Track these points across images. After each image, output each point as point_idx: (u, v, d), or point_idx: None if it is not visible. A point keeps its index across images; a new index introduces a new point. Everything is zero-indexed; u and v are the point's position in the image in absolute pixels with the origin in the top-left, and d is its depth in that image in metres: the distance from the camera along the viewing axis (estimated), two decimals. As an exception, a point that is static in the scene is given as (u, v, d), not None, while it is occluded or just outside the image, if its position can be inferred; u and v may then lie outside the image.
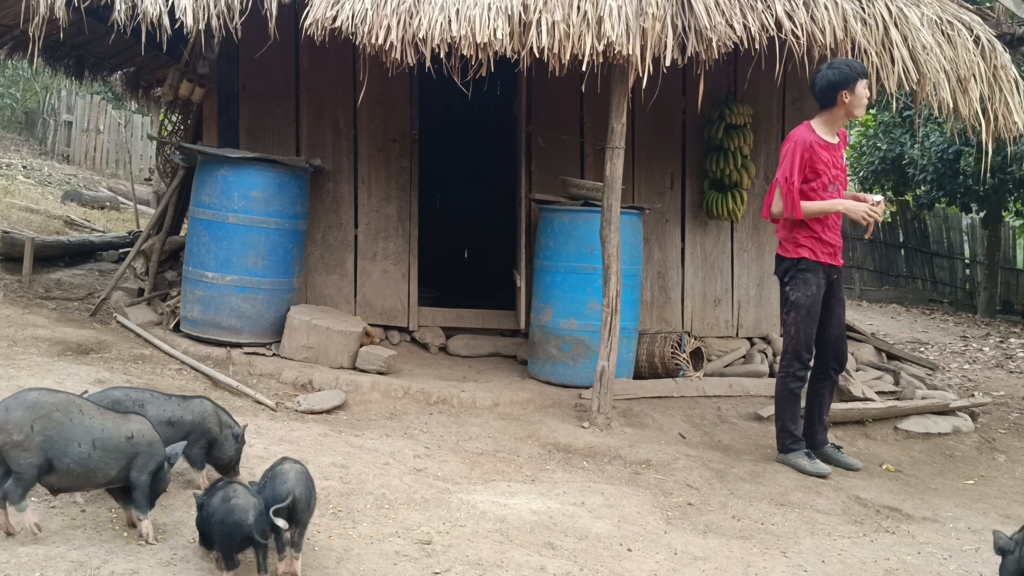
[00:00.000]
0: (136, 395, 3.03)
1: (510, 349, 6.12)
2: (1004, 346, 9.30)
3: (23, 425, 2.45)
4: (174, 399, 3.11)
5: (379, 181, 6.21)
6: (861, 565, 3.28)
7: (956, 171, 11.99)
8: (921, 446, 5.13)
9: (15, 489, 2.45)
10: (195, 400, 3.15)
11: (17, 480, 2.45)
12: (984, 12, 5.60)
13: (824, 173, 4.38)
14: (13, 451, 2.43)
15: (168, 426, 2.97)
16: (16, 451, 2.43)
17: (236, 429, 3.14)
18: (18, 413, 2.46)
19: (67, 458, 2.50)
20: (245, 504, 2.45)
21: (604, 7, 4.25)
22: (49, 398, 2.54)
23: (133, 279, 6.58)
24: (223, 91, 6.13)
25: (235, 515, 2.42)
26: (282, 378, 5.07)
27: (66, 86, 15.59)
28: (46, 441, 2.46)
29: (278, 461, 2.70)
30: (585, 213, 5.39)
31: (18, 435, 2.44)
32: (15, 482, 2.45)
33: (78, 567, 2.40)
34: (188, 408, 3.08)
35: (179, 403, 3.09)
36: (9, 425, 2.44)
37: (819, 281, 4.42)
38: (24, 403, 2.49)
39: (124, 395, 3.01)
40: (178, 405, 3.08)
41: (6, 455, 2.44)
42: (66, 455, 2.49)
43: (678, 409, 5.22)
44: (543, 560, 2.93)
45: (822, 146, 4.38)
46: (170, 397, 3.12)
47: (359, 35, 4.38)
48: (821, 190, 4.39)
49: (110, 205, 12.71)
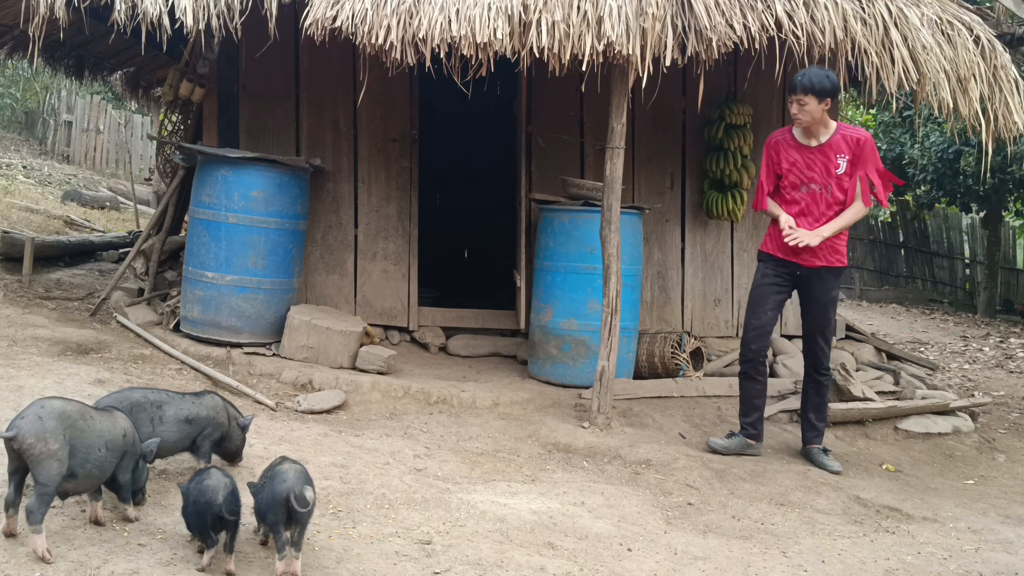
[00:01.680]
0: (154, 396, 3.13)
1: (510, 349, 6.12)
2: (1004, 346, 9.30)
3: (58, 434, 2.45)
4: (188, 397, 3.23)
5: (379, 181, 6.21)
6: (861, 565, 3.28)
7: (956, 171, 12.00)
8: (921, 446, 5.13)
9: (39, 506, 2.40)
10: (207, 396, 3.30)
11: (42, 495, 2.40)
12: (984, 12, 5.60)
13: (789, 173, 4.48)
14: (47, 461, 2.41)
15: (187, 424, 3.12)
16: (50, 461, 2.42)
17: (243, 420, 3.35)
18: (52, 423, 2.45)
19: (89, 464, 2.54)
20: (216, 484, 2.53)
21: (604, 7, 4.25)
22: (71, 407, 2.56)
23: (133, 279, 6.58)
24: (223, 91, 6.13)
25: (206, 495, 2.51)
26: (282, 378, 5.07)
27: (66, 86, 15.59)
28: (72, 451, 2.48)
29: (277, 461, 2.71)
30: (585, 213, 5.39)
31: (54, 444, 2.43)
32: (40, 498, 2.40)
33: (78, 567, 2.41)
34: (202, 404, 3.22)
35: (193, 400, 3.22)
36: (46, 434, 2.42)
37: (769, 272, 4.57)
38: (53, 412, 2.48)
39: (143, 397, 3.09)
40: (192, 403, 3.20)
41: (38, 464, 2.41)
42: (88, 461, 2.54)
43: (678, 409, 5.22)
44: (543, 560, 2.93)
45: (792, 146, 4.46)
46: (184, 395, 3.24)
47: (359, 35, 4.38)
48: (790, 188, 4.50)
49: (110, 205, 12.71)
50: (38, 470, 2.41)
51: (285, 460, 2.69)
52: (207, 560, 2.51)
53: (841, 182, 4.41)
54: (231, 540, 2.53)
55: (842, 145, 4.40)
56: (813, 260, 4.47)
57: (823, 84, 4.29)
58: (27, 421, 2.43)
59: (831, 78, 4.33)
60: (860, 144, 4.39)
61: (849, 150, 4.39)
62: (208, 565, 2.51)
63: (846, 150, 4.39)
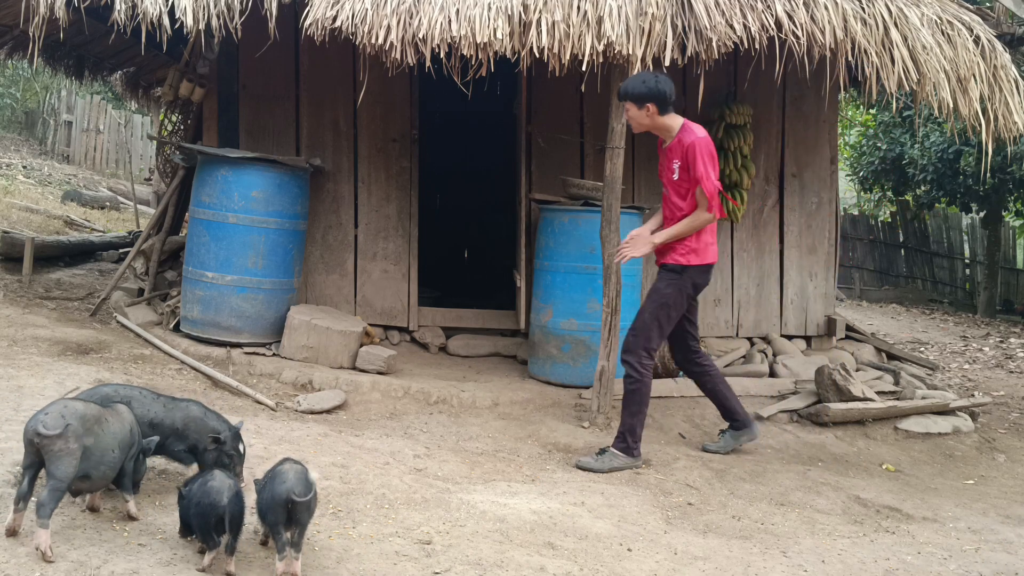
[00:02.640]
0: (125, 391, 3.04)
1: (510, 349, 6.12)
2: (1004, 346, 9.29)
3: (79, 434, 2.51)
4: (161, 400, 3.09)
5: (379, 181, 6.21)
6: (861, 565, 3.28)
7: (956, 171, 11.99)
8: (921, 446, 5.12)
9: (51, 500, 2.43)
10: (185, 405, 3.11)
11: (54, 489, 2.44)
12: (984, 12, 5.60)
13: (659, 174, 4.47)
14: (65, 458, 2.46)
15: (149, 427, 2.98)
16: (68, 458, 2.47)
17: (226, 433, 3.02)
18: (75, 422, 2.51)
19: (103, 466, 2.59)
20: (220, 486, 2.53)
21: (604, 7, 4.25)
22: (91, 411, 2.60)
23: (133, 279, 6.58)
24: (223, 91, 6.13)
25: (210, 496, 2.51)
26: (282, 378, 5.07)
27: (66, 86, 15.59)
28: (87, 453, 2.52)
29: (279, 462, 2.71)
30: (585, 213, 5.39)
31: (74, 443, 2.48)
32: (52, 492, 2.44)
33: (78, 567, 2.40)
34: (173, 411, 3.05)
35: (166, 405, 3.07)
36: (68, 432, 2.48)
37: None
38: (76, 413, 2.53)
39: (113, 391, 3.02)
40: (164, 407, 3.06)
41: (57, 460, 2.45)
42: (102, 463, 2.59)
43: (678, 409, 5.22)
44: (543, 560, 2.93)
45: (661, 149, 4.45)
46: (158, 397, 3.10)
47: (359, 35, 4.38)
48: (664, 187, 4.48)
49: (110, 205, 12.71)
50: (55, 466, 2.45)
51: (287, 461, 2.68)
52: (208, 561, 2.51)
53: (678, 187, 4.30)
54: (233, 542, 2.53)
55: (677, 149, 4.26)
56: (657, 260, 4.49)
57: (638, 90, 4.19)
58: (51, 417, 2.48)
59: (647, 83, 4.17)
60: (685, 147, 4.20)
61: (681, 155, 4.24)
62: (209, 566, 2.51)
63: (679, 155, 4.25)
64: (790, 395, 5.50)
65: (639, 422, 4.27)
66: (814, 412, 5.21)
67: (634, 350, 4.30)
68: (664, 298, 4.32)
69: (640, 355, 4.28)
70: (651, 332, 4.30)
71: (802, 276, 6.55)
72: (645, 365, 4.29)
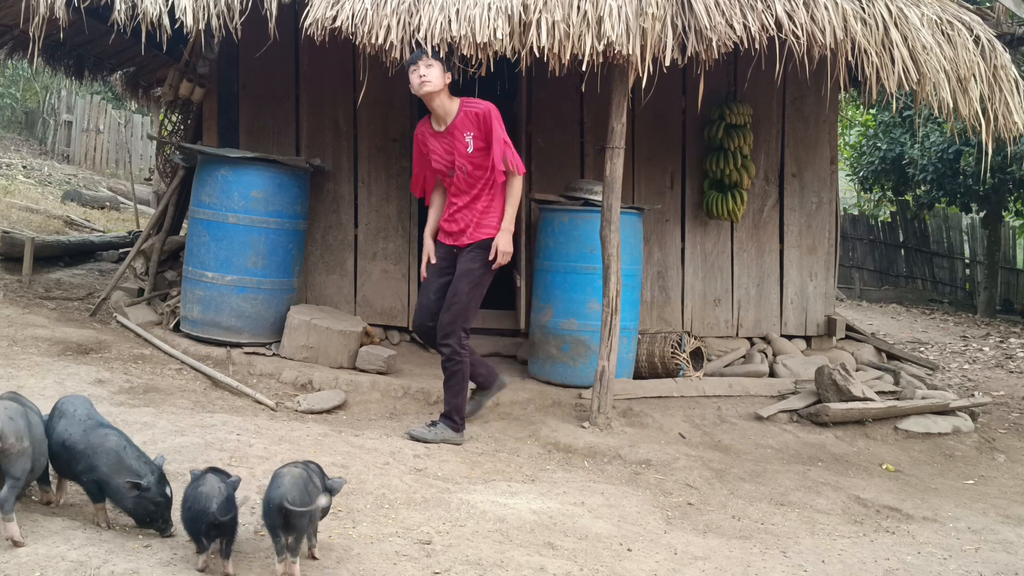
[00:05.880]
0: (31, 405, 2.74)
1: (510, 349, 6.12)
2: (1004, 346, 9.29)
3: (27, 432, 2.55)
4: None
5: (379, 181, 6.21)
6: (861, 565, 3.28)
7: (956, 171, 12.00)
8: (921, 446, 5.12)
9: (10, 496, 2.48)
10: (102, 434, 2.71)
11: (13, 487, 2.49)
12: (984, 12, 5.60)
13: (433, 161, 4.47)
14: (22, 457, 2.51)
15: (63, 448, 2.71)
16: (23, 458, 2.52)
17: (148, 478, 2.63)
18: (21, 421, 2.55)
19: (43, 456, 2.65)
20: (210, 491, 2.52)
21: (604, 7, 4.25)
22: (21, 406, 2.63)
23: (133, 279, 6.58)
24: (223, 91, 6.13)
25: (200, 502, 2.50)
26: (282, 378, 5.07)
27: (66, 86, 15.58)
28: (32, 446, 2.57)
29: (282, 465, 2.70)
30: (585, 213, 5.39)
31: (26, 441, 2.53)
32: (11, 490, 2.49)
33: (78, 567, 2.40)
34: (87, 439, 2.69)
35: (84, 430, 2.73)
36: (21, 432, 2.53)
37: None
38: (19, 412, 2.57)
39: None
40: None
41: (15, 461, 2.50)
42: (42, 454, 2.64)
43: (678, 409, 5.21)
44: (543, 560, 2.93)
45: (431, 135, 4.46)
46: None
47: (359, 35, 4.38)
48: (442, 175, 4.52)
49: (110, 205, 12.71)
50: (14, 467, 2.50)
51: (287, 464, 2.67)
52: (202, 563, 2.50)
53: (472, 159, 4.36)
54: (227, 546, 2.52)
55: (466, 123, 4.33)
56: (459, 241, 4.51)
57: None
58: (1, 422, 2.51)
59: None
60: (480, 117, 4.31)
61: (476, 125, 4.32)
62: (204, 567, 2.50)
63: (473, 126, 4.33)
64: (790, 395, 5.50)
65: (463, 399, 4.45)
66: (814, 412, 5.21)
67: (454, 332, 4.39)
68: (478, 277, 4.44)
69: (460, 336, 4.40)
70: (468, 313, 4.43)
71: (802, 276, 6.55)
72: (464, 345, 4.42)
